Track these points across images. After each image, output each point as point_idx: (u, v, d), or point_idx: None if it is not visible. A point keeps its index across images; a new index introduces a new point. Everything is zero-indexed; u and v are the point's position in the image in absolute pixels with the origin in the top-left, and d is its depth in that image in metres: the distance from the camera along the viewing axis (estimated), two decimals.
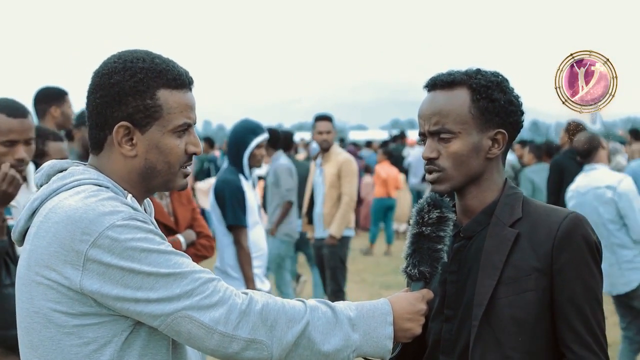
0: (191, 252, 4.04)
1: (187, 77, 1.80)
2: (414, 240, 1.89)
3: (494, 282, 1.82)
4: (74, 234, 1.61)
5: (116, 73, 1.73)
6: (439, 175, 1.90)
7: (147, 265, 1.63)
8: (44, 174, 1.79)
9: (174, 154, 1.77)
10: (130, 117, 1.73)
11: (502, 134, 1.90)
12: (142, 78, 1.73)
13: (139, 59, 1.75)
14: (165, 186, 1.82)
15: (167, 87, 1.75)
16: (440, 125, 1.88)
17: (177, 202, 4.15)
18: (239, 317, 1.66)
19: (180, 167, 1.80)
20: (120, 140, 1.75)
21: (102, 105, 1.74)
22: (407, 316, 1.83)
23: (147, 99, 1.73)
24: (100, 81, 1.75)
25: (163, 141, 1.76)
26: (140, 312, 1.64)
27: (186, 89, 1.79)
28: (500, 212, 1.90)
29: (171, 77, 1.76)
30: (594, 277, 1.84)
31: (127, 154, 1.76)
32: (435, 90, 1.92)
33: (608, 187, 5.21)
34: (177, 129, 1.76)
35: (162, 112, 1.74)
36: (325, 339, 1.73)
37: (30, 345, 1.69)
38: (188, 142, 1.79)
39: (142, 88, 1.73)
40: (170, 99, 1.75)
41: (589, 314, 1.82)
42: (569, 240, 1.81)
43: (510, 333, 1.81)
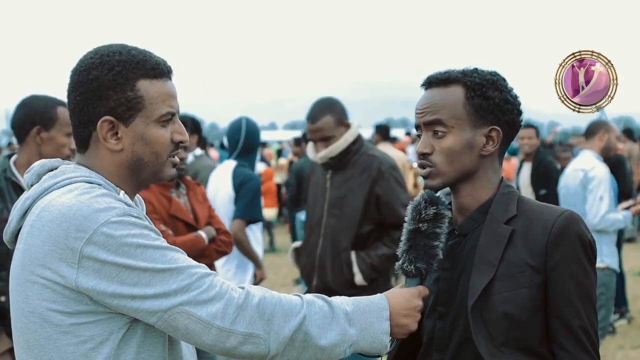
0: (212, 248, 4.06)
1: (165, 66, 1.79)
2: (410, 237, 1.89)
3: (488, 279, 1.82)
4: (68, 232, 1.61)
5: (94, 68, 1.72)
6: (431, 171, 1.91)
7: (143, 261, 1.62)
8: (35, 173, 1.79)
9: (160, 144, 1.76)
10: (112, 111, 1.72)
11: (496, 131, 1.90)
12: (120, 71, 1.72)
13: (115, 52, 1.74)
14: (154, 177, 1.81)
15: (147, 77, 1.74)
16: (435, 116, 1.89)
17: (194, 200, 4.17)
18: (236, 311, 1.66)
19: (167, 157, 1.79)
20: (105, 135, 1.74)
21: (83, 102, 1.73)
22: (404, 312, 1.84)
23: (128, 91, 1.72)
24: (78, 78, 1.74)
25: (148, 132, 1.75)
26: (136, 309, 1.63)
27: (165, 77, 1.78)
28: (495, 210, 1.90)
29: (149, 67, 1.75)
30: (587, 275, 1.84)
31: (113, 149, 1.75)
32: (431, 87, 1.94)
33: (582, 170, 5.46)
34: (161, 119, 1.75)
35: (144, 103, 1.73)
36: (322, 333, 1.73)
37: (26, 345, 1.68)
38: (173, 130, 1.79)
39: (122, 80, 1.72)
40: (150, 88, 1.74)
41: (582, 312, 1.82)
42: (563, 238, 1.82)
43: (503, 329, 1.81)
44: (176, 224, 3.99)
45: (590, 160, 5.47)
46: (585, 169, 5.43)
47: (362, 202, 4.00)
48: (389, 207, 3.99)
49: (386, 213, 4.00)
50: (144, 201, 3.99)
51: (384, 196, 4.00)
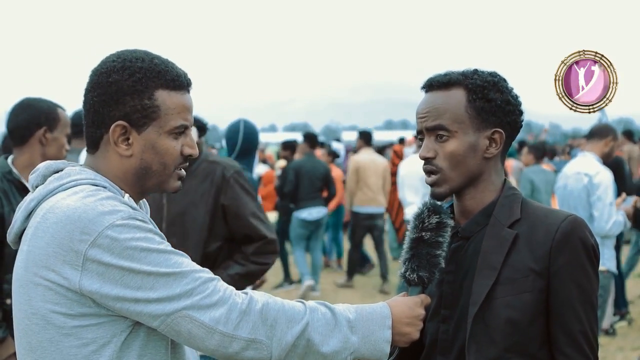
0: None
1: (185, 79, 1.79)
2: (412, 245, 1.89)
3: (491, 282, 1.82)
4: (72, 234, 1.61)
5: (115, 72, 1.73)
6: (437, 178, 1.90)
7: (147, 265, 1.62)
8: (40, 175, 1.79)
9: (169, 155, 1.77)
10: (127, 116, 1.72)
11: (499, 133, 1.90)
12: (140, 78, 1.72)
13: (138, 58, 1.75)
14: (159, 187, 1.81)
15: (166, 87, 1.74)
16: (437, 122, 1.88)
17: None
18: (239, 316, 1.66)
19: (175, 169, 1.79)
20: (116, 139, 1.74)
21: (100, 103, 1.73)
22: (406, 320, 1.84)
23: (145, 99, 1.72)
24: (98, 80, 1.74)
25: (159, 142, 1.75)
26: (140, 312, 1.63)
27: (184, 90, 1.79)
28: (499, 213, 1.90)
29: (170, 78, 1.75)
30: (590, 280, 1.83)
31: (123, 154, 1.75)
32: (432, 90, 1.93)
33: (586, 175, 5.40)
34: (173, 130, 1.76)
35: (160, 113, 1.74)
36: (324, 340, 1.73)
37: (29, 347, 1.68)
38: (184, 143, 1.79)
39: (141, 88, 1.72)
40: (168, 100, 1.74)
41: (583, 317, 1.82)
42: (567, 243, 1.81)
43: (505, 333, 1.81)
44: None
45: (594, 164, 5.42)
46: (590, 174, 5.37)
47: (206, 216, 3.51)
48: (238, 219, 3.52)
49: (235, 225, 3.53)
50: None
51: (231, 206, 3.53)
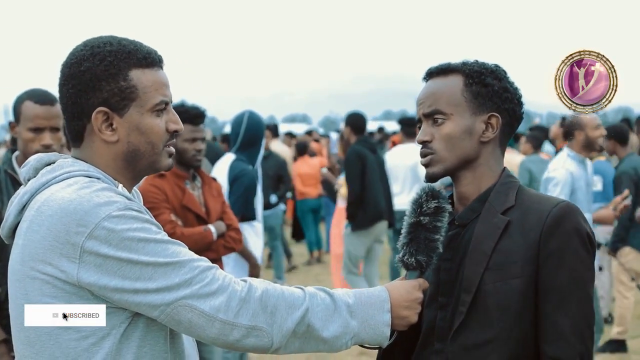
0: (220, 243, 4.07)
1: (156, 55, 1.78)
2: (411, 230, 1.89)
3: (482, 269, 1.82)
4: (69, 226, 1.60)
5: (85, 60, 1.72)
6: (432, 158, 1.91)
7: (144, 255, 1.62)
8: (32, 167, 1.78)
9: (155, 134, 1.76)
10: (106, 101, 1.72)
11: (496, 117, 1.91)
12: (112, 61, 1.71)
13: (106, 43, 1.74)
14: (151, 168, 1.80)
15: (139, 66, 1.74)
16: (433, 107, 1.90)
17: (208, 194, 4.19)
18: (239, 304, 1.66)
19: (163, 147, 1.79)
20: (100, 126, 1.73)
21: (76, 94, 1.72)
22: (405, 304, 1.84)
23: (121, 81, 1.72)
24: (70, 71, 1.73)
25: (143, 122, 1.74)
26: (139, 303, 1.63)
27: (157, 66, 1.78)
28: (494, 200, 1.90)
29: (141, 56, 1.75)
30: (584, 267, 1.81)
31: (108, 140, 1.74)
32: (432, 78, 1.96)
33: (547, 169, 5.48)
34: (155, 108, 1.75)
35: (138, 92, 1.73)
36: (324, 325, 1.73)
37: (27, 341, 1.68)
38: (168, 120, 1.78)
39: (114, 71, 1.71)
40: (143, 78, 1.74)
41: (574, 307, 1.79)
42: (558, 228, 1.80)
43: (494, 319, 1.81)
44: (187, 215, 4.01)
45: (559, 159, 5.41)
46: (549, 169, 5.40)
47: None
48: None
49: None
50: (159, 189, 3.99)
51: None
